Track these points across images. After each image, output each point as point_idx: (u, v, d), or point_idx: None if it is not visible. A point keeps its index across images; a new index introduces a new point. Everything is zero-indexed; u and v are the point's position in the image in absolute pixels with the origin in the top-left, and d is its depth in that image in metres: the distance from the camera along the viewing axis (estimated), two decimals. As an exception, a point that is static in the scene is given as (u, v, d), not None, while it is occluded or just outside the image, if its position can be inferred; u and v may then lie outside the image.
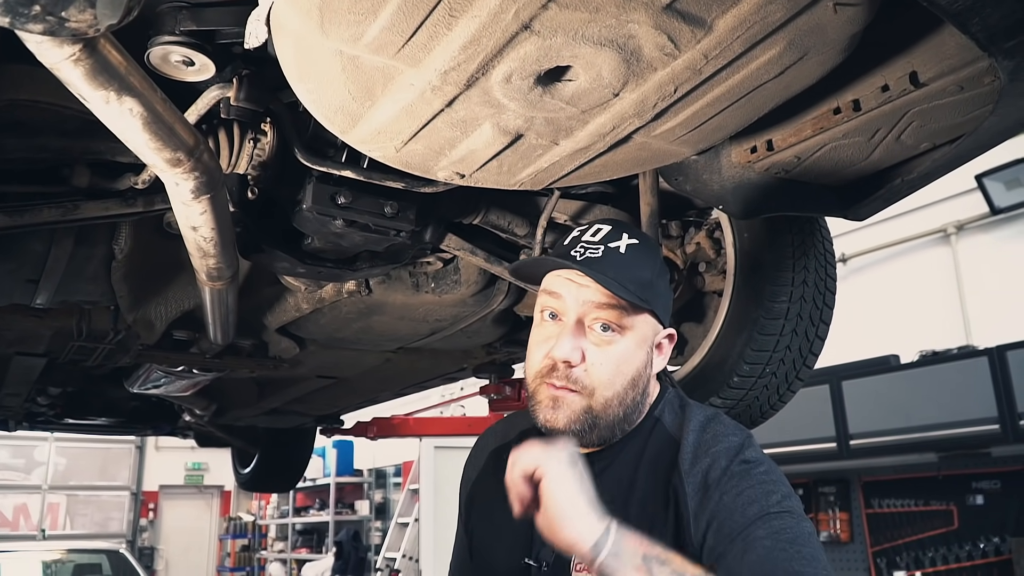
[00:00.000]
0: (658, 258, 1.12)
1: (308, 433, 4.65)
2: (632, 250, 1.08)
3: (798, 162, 1.37)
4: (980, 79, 1.09)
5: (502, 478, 1.21)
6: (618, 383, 1.05)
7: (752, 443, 1.06)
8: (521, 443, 1.22)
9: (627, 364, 1.06)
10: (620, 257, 1.06)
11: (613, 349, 1.05)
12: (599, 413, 1.05)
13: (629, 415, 1.08)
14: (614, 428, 1.07)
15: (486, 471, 1.27)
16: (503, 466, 1.23)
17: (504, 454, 1.25)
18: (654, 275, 1.08)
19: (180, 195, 1.17)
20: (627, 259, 1.06)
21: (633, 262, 1.07)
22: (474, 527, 1.25)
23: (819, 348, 1.73)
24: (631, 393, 1.07)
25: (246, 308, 2.08)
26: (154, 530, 13.03)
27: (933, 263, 5.63)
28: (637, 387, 1.08)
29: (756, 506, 0.96)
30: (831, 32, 0.93)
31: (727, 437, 1.05)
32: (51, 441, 11.99)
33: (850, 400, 4.65)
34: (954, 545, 4.56)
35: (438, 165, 1.22)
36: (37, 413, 3.55)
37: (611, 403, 1.05)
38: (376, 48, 0.91)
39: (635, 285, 1.05)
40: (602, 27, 0.87)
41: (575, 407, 1.05)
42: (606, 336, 1.05)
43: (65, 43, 0.82)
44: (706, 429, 1.07)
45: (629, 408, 1.07)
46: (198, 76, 1.22)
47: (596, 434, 1.06)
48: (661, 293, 1.10)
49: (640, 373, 1.08)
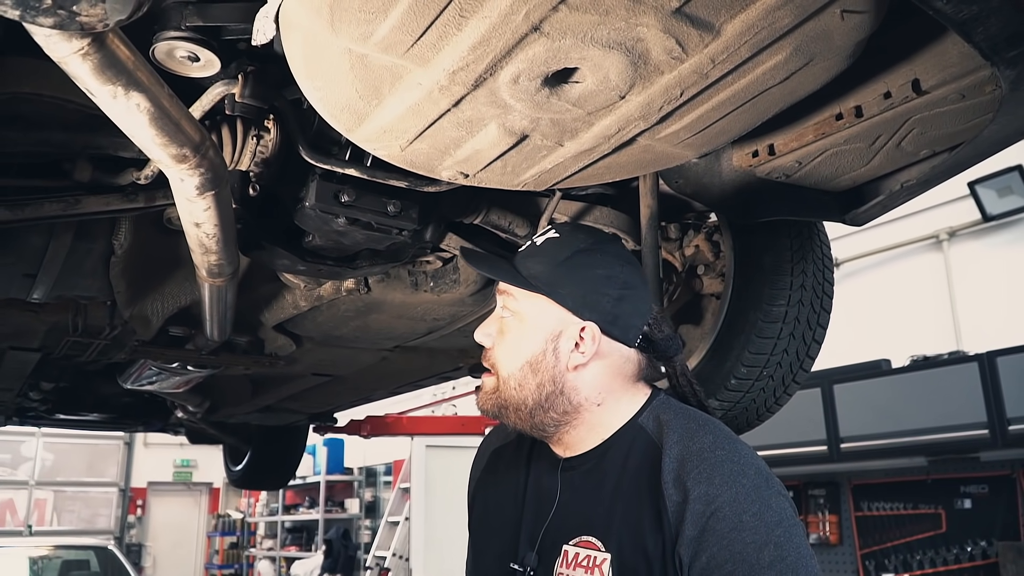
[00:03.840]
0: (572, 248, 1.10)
1: (301, 431, 4.64)
2: (547, 242, 1.12)
3: (799, 167, 1.39)
4: (981, 88, 1.10)
5: (500, 478, 1.22)
6: (513, 364, 1.09)
7: (742, 461, 1.01)
8: (521, 442, 1.24)
9: (518, 347, 1.09)
10: (531, 248, 1.13)
11: (508, 332, 1.11)
12: (504, 394, 1.10)
13: (543, 404, 1.07)
14: (531, 414, 1.08)
15: (486, 471, 1.28)
16: (501, 465, 1.25)
17: (504, 453, 1.26)
18: (557, 263, 1.09)
19: (185, 191, 1.17)
20: (537, 249, 1.12)
21: (539, 252, 1.12)
22: (474, 528, 1.26)
23: (816, 352, 1.75)
24: (532, 379, 1.08)
25: (243, 305, 2.08)
26: (142, 527, 12.96)
27: (925, 269, 5.67)
28: (540, 374, 1.07)
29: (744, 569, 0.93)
30: (837, 38, 0.94)
31: (711, 451, 1.01)
32: (38, 436, 11.91)
33: (841, 404, 4.68)
34: (942, 548, 4.59)
35: (442, 164, 1.22)
36: (28, 408, 3.53)
37: (509, 383, 1.09)
38: (385, 47, 0.91)
39: (527, 271, 1.10)
40: (611, 30, 0.88)
41: (487, 388, 1.13)
42: (507, 320, 1.12)
43: (74, 37, 0.82)
44: (691, 439, 1.04)
45: (537, 395, 1.07)
46: (203, 72, 1.22)
47: (511, 417, 1.10)
48: (567, 282, 1.08)
49: (538, 359, 1.08)
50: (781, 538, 0.95)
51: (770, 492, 0.99)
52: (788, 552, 0.95)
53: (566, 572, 1.04)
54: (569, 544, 1.06)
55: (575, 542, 1.05)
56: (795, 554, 0.95)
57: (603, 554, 1.02)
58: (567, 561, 1.05)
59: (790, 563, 0.94)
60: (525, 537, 1.12)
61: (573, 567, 1.04)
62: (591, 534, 1.04)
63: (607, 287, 1.09)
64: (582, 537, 1.05)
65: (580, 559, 1.04)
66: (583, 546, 1.04)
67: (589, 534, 1.05)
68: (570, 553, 1.05)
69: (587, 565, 1.02)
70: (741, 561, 0.94)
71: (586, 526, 1.06)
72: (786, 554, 0.94)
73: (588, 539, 1.04)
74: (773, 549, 0.94)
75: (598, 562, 1.02)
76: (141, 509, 12.99)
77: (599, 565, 1.01)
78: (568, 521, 1.08)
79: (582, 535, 1.05)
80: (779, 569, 0.93)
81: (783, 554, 0.94)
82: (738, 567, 0.94)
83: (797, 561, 0.95)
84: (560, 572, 1.05)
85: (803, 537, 0.99)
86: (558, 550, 1.07)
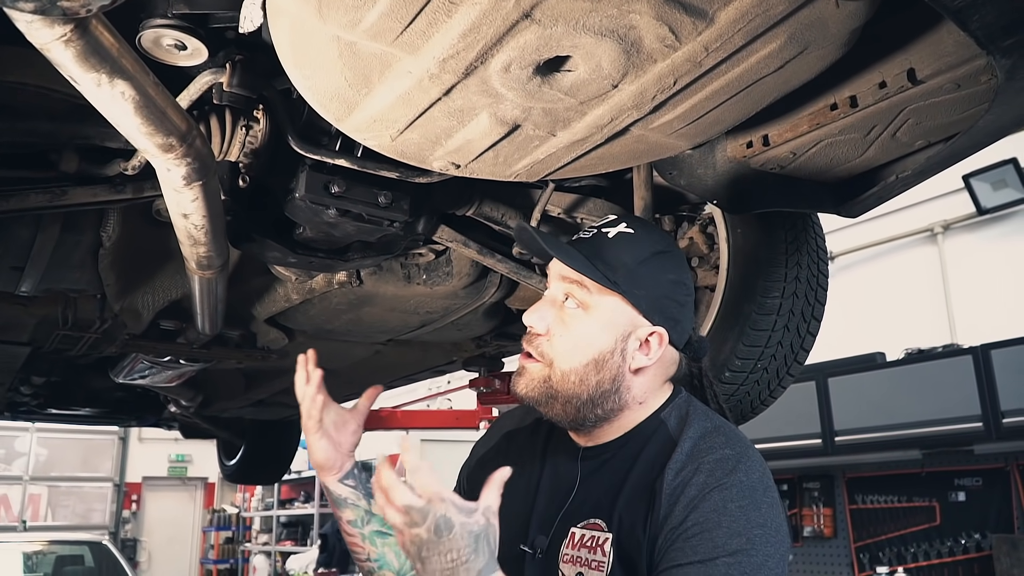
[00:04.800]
0: (648, 250, 1.09)
1: (294, 425, 4.62)
2: (621, 237, 1.08)
3: (793, 158, 1.37)
4: (977, 77, 1.09)
5: (511, 462, 1.20)
6: (576, 359, 1.06)
7: (747, 465, 1.00)
8: (537, 428, 1.22)
9: (587, 343, 1.06)
10: (604, 240, 1.08)
11: (574, 324, 1.07)
12: (556, 385, 1.06)
13: (596, 400, 1.07)
14: (579, 409, 1.07)
15: (494, 450, 1.27)
16: (513, 448, 1.24)
17: (517, 437, 1.26)
18: (636, 263, 1.07)
19: (171, 181, 1.16)
20: (610, 243, 1.08)
21: (614, 246, 1.07)
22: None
23: (810, 344, 1.74)
24: (594, 376, 1.06)
25: (235, 298, 2.06)
26: (137, 522, 12.93)
27: (920, 262, 5.68)
28: (603, 372, 1.06)
29: (708, 546, 0.93)
30: (832, 27, 0.93)
31: (720, 449, 1.02)
32: (32, 431, 11.86)
33: (836, 397, 4.69)
34: (936, 541, 4.60)
35: (434, 155, 1.20)
36: (20, 403, 3.51)
37: (568, 377, 1.06)
38: (374, 34, 0.89)
39: (604, 265, 1.05)
40: (603, 17, 0.87)
41: (535, 376, 1.08)
42: (571, 311, 1.07)
43: (56, 23, 0.80)
44: (705, 438, 1.05)
45: (594, 392, 1.06)
46: (190, 61, 1.20)
47: (556, 408, 1.07)
48: (644, 284, 1.07)
49: (605, 358, 1.06)
50: (757, 539, 0.93)
51: (766, 500, 0.98)
52: (756, 554, 0.92)
53: (571, 552, 1.06)
54: (577, 526, 1.08)
55: (583, 524, 1.07)
56: (761, 559, 0.92)
57: (605, 534, 1.04)
58: (573, 542, 1.07)
59: (753, 563, 0.92)
60: (536, 522, 1.12)
61: (578, 547, 1.06)
62: (598, 516, 1.06)
63: (676, 292, 1.10)
64: (590, 520, 1.07)
65: (585, 540, 1.06)
66: (589, 528, 1.06)
67: (597, 516, 1.07)
68: (576, 534, 1.07)
69: (591, 545, 1.05)
70: (708, 539, 0.93)
71: (594, 510, 1.07)
72: (753, 555, 0.92)
73: (595, 521, 1.06)
74: (743, 541, 0.93)
75: (600, 542, 1.04)
76: (136, 504, 12.96)
77: (601, 545, 1.03)
78: (581, 507, 1.09)
79: (590, 518, 1.07)
80: (738, 560, 0.91)
81: (749, 550, 0.92)
82: (702, 542, 0.93)
83: (761, 566, 0.92)
84: (565, 552, 1.07)
85: (782, 559, 0.96)
86: (567, 532, 1.08)
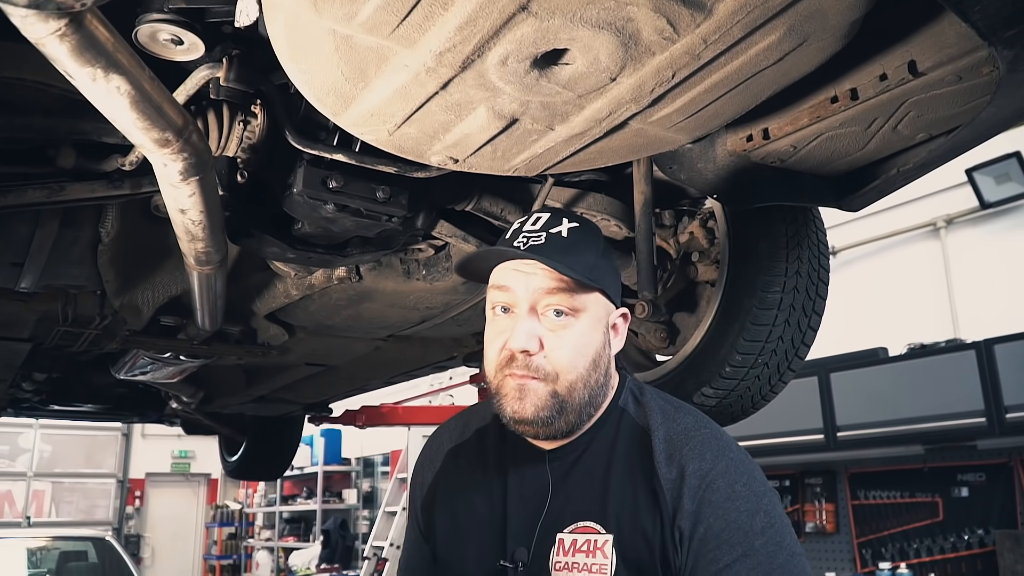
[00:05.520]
0: (600, 240, 1.13)
1: (296, 421, 4.63)
2: (574, 233, 1.08)
3: (794, 151, 1.37)
4: (979, 69, 1.08)
5: (465, 480, 1.19)
6: (580, 365, 1.06)
7: (722, 437, 1.08)
8: (482, 441, 1.21)
9: (585, 345, 1.06)
10: (563, 240, 1.07)
11: (569, 332, 1.06)
12: (565, 397, 1.05)
13: (595, 398, 1.08)
14: (581, 412, 1.07)
15: (444, 472, 1.24)
16: (462, 465, 1.21)
17: (464, 453, 1.23)
18: (597, 256, 1.09)
19: (168, 177, 1.15)
20: (570, 242, 1.07)
21: (576, 244, 1.07)
22: (437, 531, 1.20)
23: (811, 339, 1.73)
24: (594, 375, 1.07)
25: (234, 294, 2.06)
26: (140, 518, 12.97)
27: (922, 257, 5.66)
28: (599, 368, 1.08)
29: (740, 536, 1.00)
30: (832, 18, 0.92)
31: (697, 430, 1.08)
32: (36, 428, 11.91)
33: (838, 392, 4.68)
34: (939, 537, 4.60)
35: (431, 149, 1.20)
36: (22, 399, 3.51)
37: (576, 386, 1.05)
38: (370, 28, 0.89)
39: (581, 266, 1.05)
40: (601, 9, 0.86)
41: (541, 393, 1.04)
42: (560, 321, 1.06)
43: (51, 17, 0.79)
44: (672, 420, 1.10)
45: (594, 390, 1.08)
46: (187, 55, 1.20)
47: (564, 420, 1.06)
48: (608, 273, 1.11)
49: (600, 354, 1.08)
50: (768, 506, 1.02)
51: (751, 464, 1.06)
52: (775, 519, 1.02)
53: (564, 560, 1.04)
54: (564, 532, 1.05)
55: (571, 529, 1.05)
56: (780, 521, 1.02)
57: (604, 536, 1.03)
58: (564, 549, 1.04)
59: (778, 529, 1.01)
60: (513, 535, 1.09)
61: (572, 553, 1.04)
62: (589, 519, 1.05)
63: (615, 266, 1.15)
64: (579, 524, 1.05)
65: (579, 544, 1.03)
66: (581, 532, 1.04)
67: (586, 520, 1.05)
68: (567, 540, 1.04)
69: (587, 549, 1.03)
70: (736, 528, 1.00)
71: (582, 513, 1.06)
72: (774, 520, 1.01)
73: (586, 524, 1.05)
74: (763, 516, 1.01)
75: (599, 544, 1.02)
76: (139, 500, 13.01)
77: (601, 547, 1.02)
78: (562, 511, 1.07)
79: (578, 522, 1.05)
80: (770, 535, 1.00)
81: (772, 520, 1.01)
82: (734, 534, 0.99)
83: (783, 528, 1.02)
84: (557, 561, 1.04)
85: (781, 503, 1.06)
86: (552, 540, 1.06)
